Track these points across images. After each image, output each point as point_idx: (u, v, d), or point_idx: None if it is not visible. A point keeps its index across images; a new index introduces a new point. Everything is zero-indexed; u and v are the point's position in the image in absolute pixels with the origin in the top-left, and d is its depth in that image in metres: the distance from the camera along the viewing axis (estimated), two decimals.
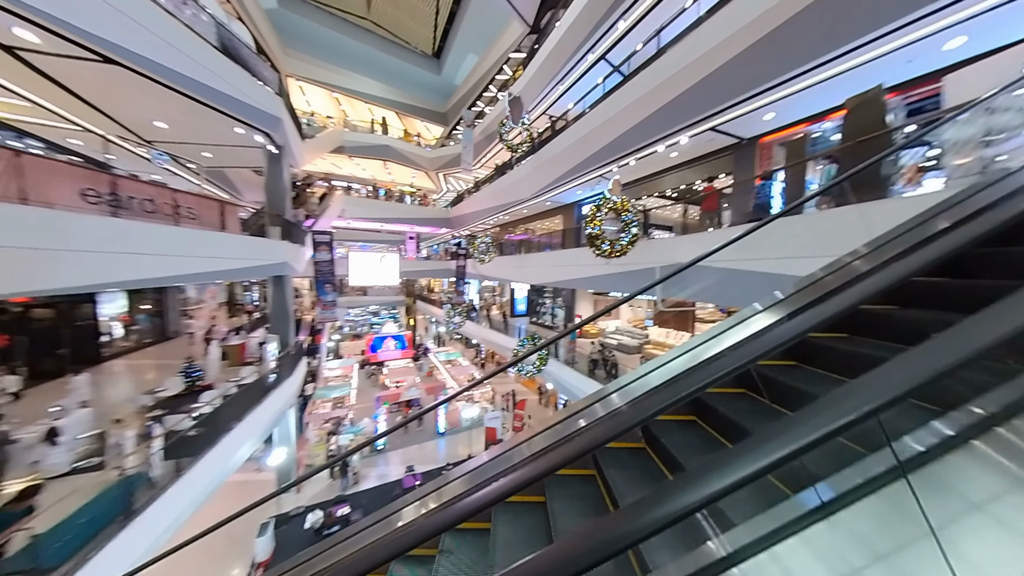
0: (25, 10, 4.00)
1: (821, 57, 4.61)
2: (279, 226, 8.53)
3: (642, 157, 8.33)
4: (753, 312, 1.85)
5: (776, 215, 2.03)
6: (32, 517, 2.99)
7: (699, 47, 5.58)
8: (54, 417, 4.92)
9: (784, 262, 4.31)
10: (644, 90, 6.74)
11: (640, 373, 1.94)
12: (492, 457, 1.91)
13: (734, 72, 5.34)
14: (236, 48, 7.01)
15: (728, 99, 5.84)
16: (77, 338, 9.29)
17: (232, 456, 6.20)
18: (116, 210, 4.93)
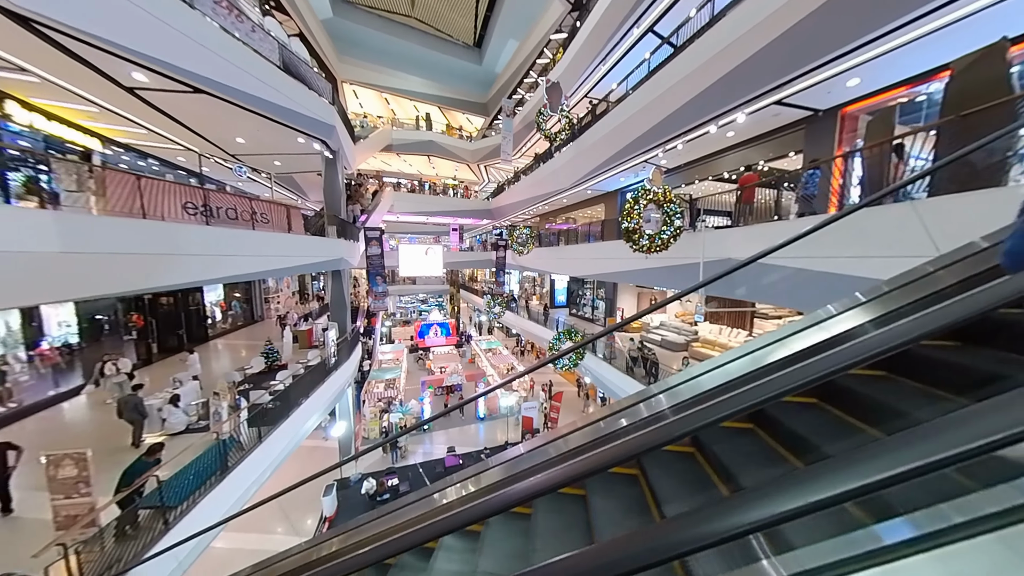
0: (141, 58, 4.88)
1: (922, 6, 3.76)
2: (335, 225, 9.45)
3: (691, 140, 7.60)
4: (840, 311, 1.58)
5: (860, 204, 1.70)
6: (158, 467, 3.87)
7: (763, 8, 4.86)
8: (175, 387, 6.17)
9: (864, 262, 3.69)
10: (696, 63, 6.08)
11: (702, 370, 1.83)
12: (531, 449, 1.99)
13: (808, 33, 4.58)
14: (295, 65, 7.75)
15: (800, 66, 5.05)
16: (190, 321, 11.39)
17: (302, 426, 7.22)
18: (208, 219, 5.89)
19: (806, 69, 5.07)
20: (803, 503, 0.66)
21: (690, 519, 0.74)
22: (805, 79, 5.28)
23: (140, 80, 5.65)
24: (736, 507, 0.72)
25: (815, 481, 0.68)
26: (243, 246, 6.28)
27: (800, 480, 0.71)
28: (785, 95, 5.77)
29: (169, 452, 4.33)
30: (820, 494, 0.66)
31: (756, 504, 0.70)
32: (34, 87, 5.87)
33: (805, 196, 4.42)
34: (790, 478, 0.72)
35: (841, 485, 0.65)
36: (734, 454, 1.77)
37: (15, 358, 6.60)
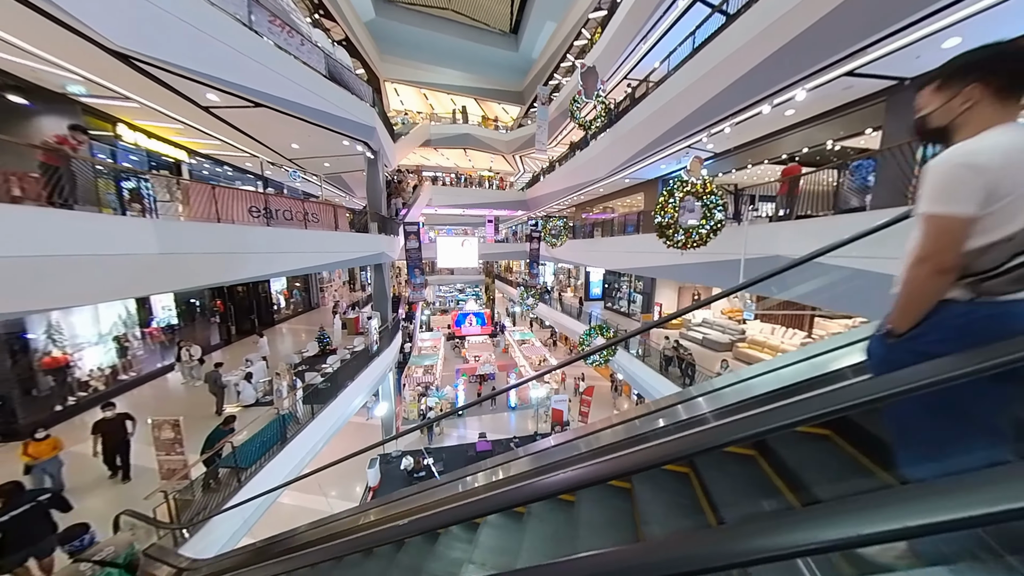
0: (213, 81, 5.59)
1: None
2: (376, 222, 10.11)
3: (741, 122, 6.89)
4: None
5: None
6: (232, 435, 4.62)
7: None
8: (247, 366, 7.18)
9: None
10: (751, 33, 5.44)
11: (774, 366, 1.76)
12: (580, 436, 2.11)
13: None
14: (339, 72, 8.28)
15: (881, 28, 4.31)
16: (260, 307, 13.02)
17: (348, 405, 8.04)
18: (268, 220, 6.65)
19: (889, 31, 4.31)
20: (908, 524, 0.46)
21: (758, 526, 0.57)
22: (886, 43, 4.50)
23: (213, 100, 6.45)
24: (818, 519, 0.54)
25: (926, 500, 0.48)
26: (297, 243, 7.02)
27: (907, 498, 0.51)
28: (860, 64, 4.98)
29: (242, 422, 5.14)
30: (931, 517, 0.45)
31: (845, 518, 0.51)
32: (135, 111, 6.98)
33: (858, 187, 3.85)
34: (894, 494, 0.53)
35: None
36: (807, 463, 1.52)
37: (132, 336, 8.12)
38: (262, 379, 7.25)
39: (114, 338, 7.72)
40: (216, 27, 5.37)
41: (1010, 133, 0.84)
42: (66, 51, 4.70)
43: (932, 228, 0.85)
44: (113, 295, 4.75)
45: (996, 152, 0.81)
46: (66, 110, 6.35)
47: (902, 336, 0.93)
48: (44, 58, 4.84)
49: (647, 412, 2.14)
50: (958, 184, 0.81)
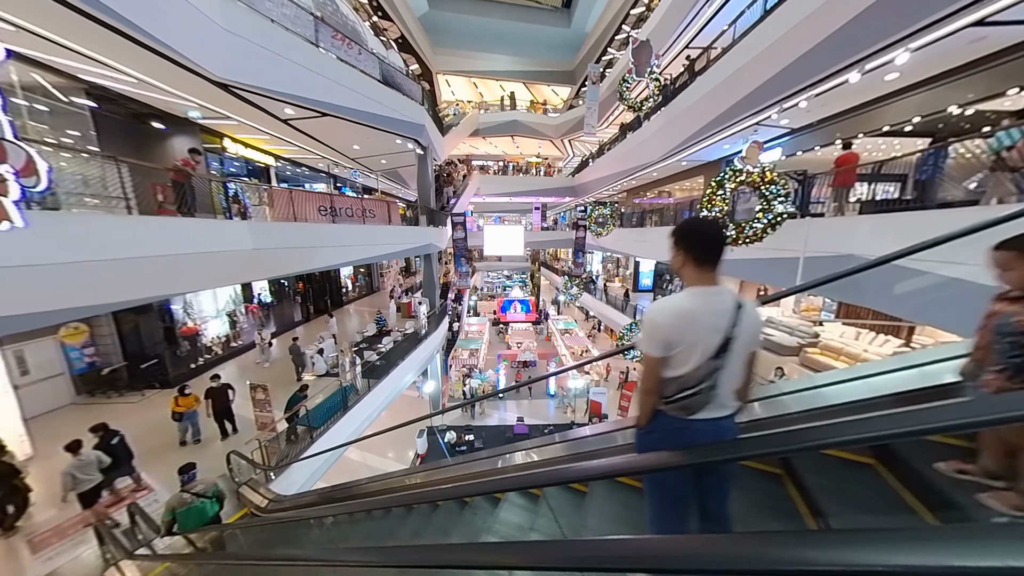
0: (288, 97, 6.49)
1: None
2: (426, 214, 10.82)
3: (822, 93, 5.86)
4: None
5: None
6: (306, 400, 5.64)
7: None
8: (319, 343, 8.48)
9: None
10: (806, 9, 4.60)
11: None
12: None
13: None
14: (391, 76, 8.86)
15: None
16: (332, 289, 14.95)
17: (400, 381, 9.03)
18: (334, 218, 7.61)
19: None
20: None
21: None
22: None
23: (289, 113, 7.46)
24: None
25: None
26: (356, 237, 7.93)
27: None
28: (994, 9, 3.91)
29: (315, 388, 6.22)
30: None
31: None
32: (234, 127, 8.37)
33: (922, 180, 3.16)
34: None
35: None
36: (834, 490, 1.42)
37: (240, 312, 10.04)
38: (331, 354, 8.51)
39: (227, 313, 9.65)
40: (289, 49, 6.17)
41: (688, 298, 1.15)
42: (184, 85, 5.84)
43: (643, 360, 1.18)
44: (220, 283, 5.99)
45: (668, 313, 1.14)
46: (189, 130, 7.89)
47: (642, 429, 1.24)
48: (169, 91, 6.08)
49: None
50: (648, 333, 1.16)
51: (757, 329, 1.19)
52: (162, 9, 4.36)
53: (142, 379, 7.16)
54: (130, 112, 6.95)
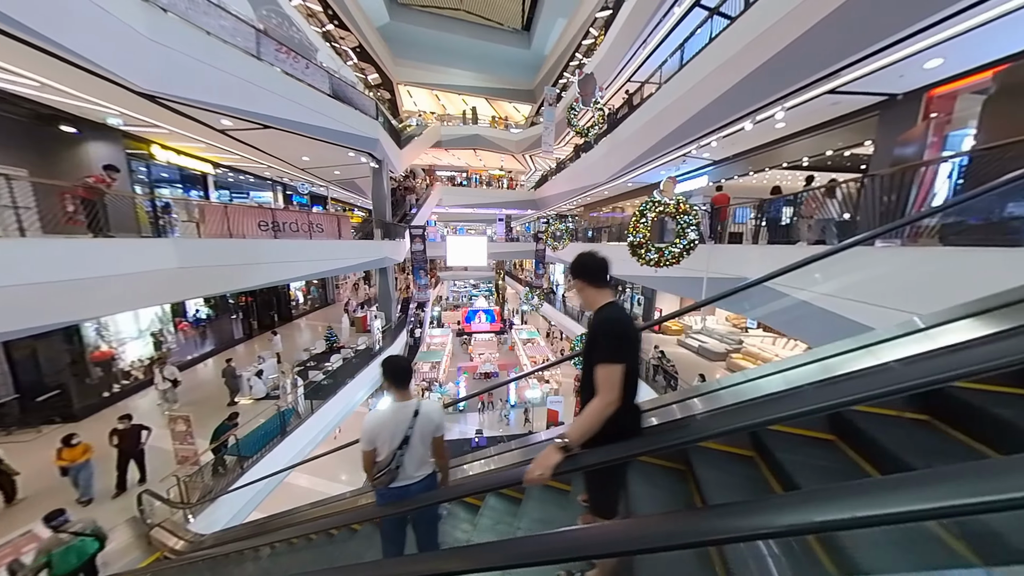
0: (225, 110, 6.25)
1: None
2: (381, 228, 10.71)
3: (728, 135, 6.80)
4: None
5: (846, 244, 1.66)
6: (236, 429, 5.34)
7: (769, 14, 4.18)
8: (259, 363, 8.02)
9: (866, 309, 3.20)
10: (727, 54, 5.45)
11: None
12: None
13: (867, 9, 3.84)
14: (343, 90, 8.81)
15: (854, 52, 4.24)
16: (280, 302, 14.11)
17: (350, 400, 8.76)
18: (276, 233, 7.34)
19: (861, 55, 4.23)
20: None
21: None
22: (862, 66, 4.40)
23: (227, 124, 7.15)
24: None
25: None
26: (302, 253, 7.69)
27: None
28: (841, 83, 4.86)
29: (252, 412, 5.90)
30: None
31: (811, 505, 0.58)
32: (165, 135, 7.83)
33: (773, 220, 3.94)
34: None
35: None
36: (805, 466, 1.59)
37: (167, 331, 9.21)
38: (272, 375, 8.08)
39: (152, 333, 8.81)
40: (225, 61, 5.99)
41: (385, 411, 1.86)
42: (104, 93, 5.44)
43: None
44: (138, 305, 5.57)
45: (372, 422, 1.82)
46: (108, 135, 7.24)
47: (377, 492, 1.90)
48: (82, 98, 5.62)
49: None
50: (363, 434, 1.82)
51: (433, 424, 1.89)
52: (74, 18, 4.12)
53: (39, 413, 6.31)
54: (31, 113, 6.22)
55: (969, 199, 2.04)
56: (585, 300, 1.46)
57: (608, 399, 1.23)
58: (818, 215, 4.46)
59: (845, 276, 3.25)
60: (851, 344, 1.44)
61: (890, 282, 2.97)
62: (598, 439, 1.28)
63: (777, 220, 4.35)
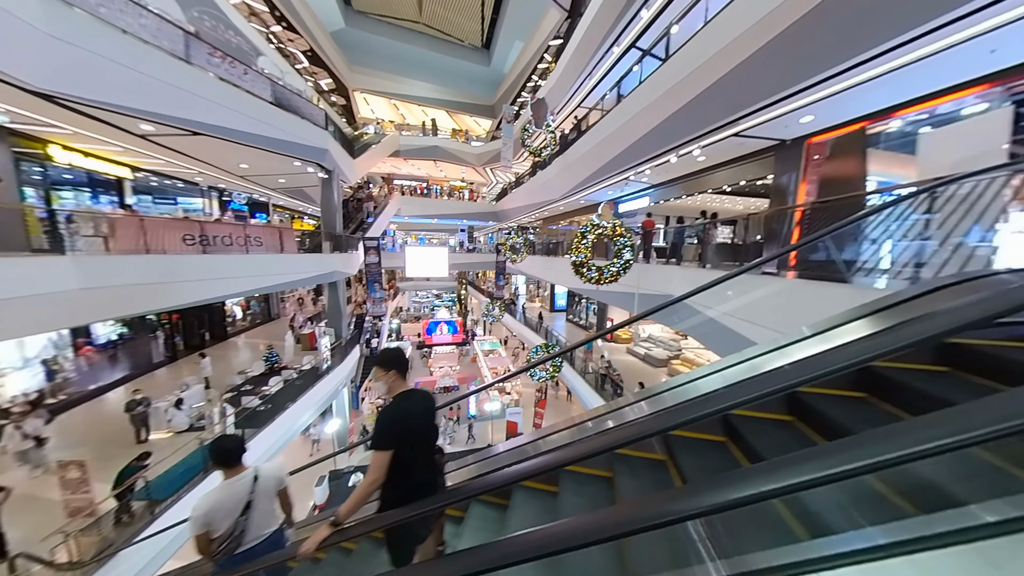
0: (143, 114, 5.70)
1: (853, 58, 3.68)
2: (330, 240, 10.25)
3: (658, 165, 7.57)
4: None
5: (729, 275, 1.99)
6: (146, 471, 4.76)
7: (705, 50, 4.86)
8: (182, 389, 7.22)
9: (750, 327, 3.78)
10: (652, 97, 6.12)
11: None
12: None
13: (746, 78, 4.56)
14: (287, 98, 8.43)
15: (744, 107, 5.02)
16: (213, 319, 12.79)
17: (291, 426, 8.15)
18: (205, 248, 6.75)
19: (752, 109, 5.01)
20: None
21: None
22: (755, 117, 5.20)
23: (147, 129, 6.52)
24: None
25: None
26: (236, 269, 7.13)
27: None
28: (741, 129, 5.69)
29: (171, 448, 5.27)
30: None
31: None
32: (68, 136, 6.93)
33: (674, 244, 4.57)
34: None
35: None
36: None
37: (64, 357, 7.95)
38: (197, 403, 7.29)
39: (43, 361, 7.56)
40: (145, 62, 5.51)
41: (219, 491, 1.91)
42: None
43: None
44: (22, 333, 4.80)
45: (205, 503, 1.85)
46: None
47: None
48: None
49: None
50: (198, 518, 1.82)
51: (275, 480, 2.05)
52: None
53: None
54: None
55: (800, 246, 2.56)
56: (388, 388, 1.66)
57: (371, 479, 1.46)
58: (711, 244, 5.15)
59: (735, 299, 3.80)
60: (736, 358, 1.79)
61: (765, 305, 3.54)
62: (383, 507, 1.55)
63: (680, 244, 4.91)
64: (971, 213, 2.18)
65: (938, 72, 3.58)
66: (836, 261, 2.90)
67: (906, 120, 4.91)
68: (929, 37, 3.14)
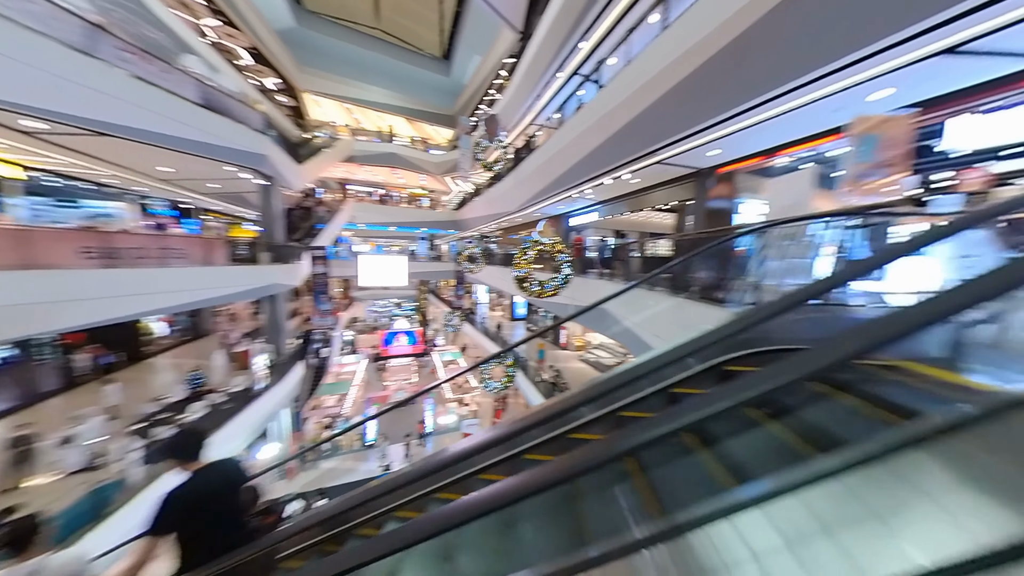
0: (24, 109, 5.01)
1: (739, 106, 4.27)
2: (270, 251, 9.59)
3: (596, 186, 8.11)
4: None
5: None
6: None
7: (623, 92, 5.36)
8: (79, 422, 6.29)
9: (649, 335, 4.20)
10: (584, 126, 6.61)
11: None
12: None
13: (659, 115, 5.09)
14: (218, 100, 7.86)
15: (663, 139, 5.57)
16: (126, 338, 11.28)
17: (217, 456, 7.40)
18: (109, 261, 6.02)
19: (668, 142, 5.58)
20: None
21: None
22: (671, 148, 5.80)
23: (35, 127, 5.74)
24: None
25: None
26: (150, 284, 6.43)
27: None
28: (663, 157, 6.30)
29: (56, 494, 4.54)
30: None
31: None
32: None
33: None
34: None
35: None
36: None
37: None
38: (100, 438, 6.36)
39: None
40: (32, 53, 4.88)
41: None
42: None
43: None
44: None
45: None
46: None
47: None
48: None
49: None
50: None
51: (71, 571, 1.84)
52: None
53: None
54: None
55: (659, 272, 2.95)
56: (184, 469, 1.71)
57: (133, 562, 1.54)
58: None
59: (642, 312, 4.23)
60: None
61: (663, 319, 3.97)
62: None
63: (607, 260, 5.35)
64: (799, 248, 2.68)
65: (802, 123, 4.29)
66: (711, 285, 3.34)
67: (795, 156, 5.77)
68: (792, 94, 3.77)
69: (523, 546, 1.96)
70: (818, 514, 0.97)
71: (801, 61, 3.12)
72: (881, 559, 0.84)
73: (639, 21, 5.45)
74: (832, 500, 0.97)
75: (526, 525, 2.07)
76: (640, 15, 5.58)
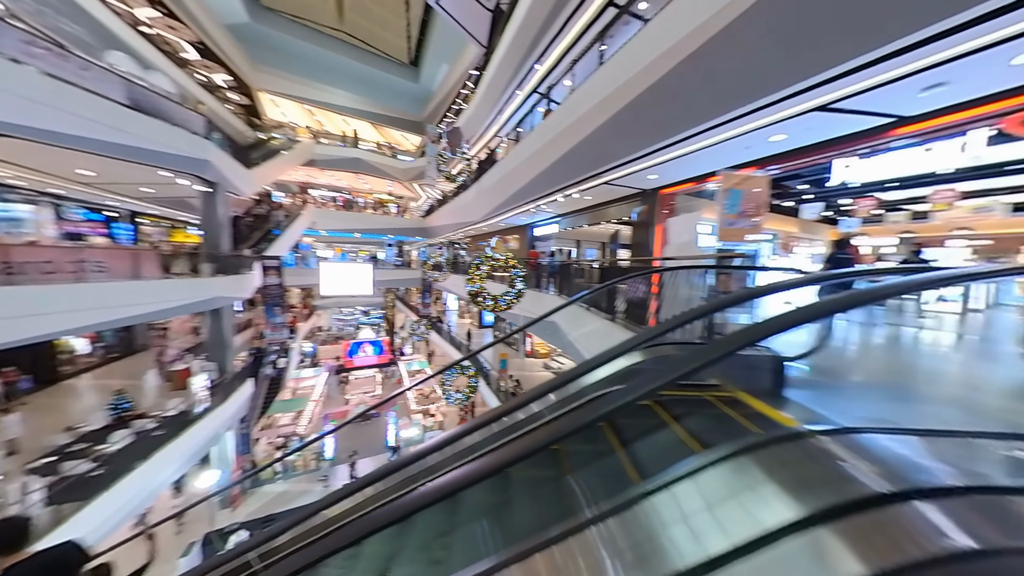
0: None
1: (663, 141, 4.64)
2: (212, 262, 8.95)
3: (551, 202, 8.41)
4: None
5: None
6: None
7: (569, 116, 5.60)
8: None
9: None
10: (537, 146, 6.80)
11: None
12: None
13: (600, 142, 5.36)
14: (151, 101, 7.30)
15: (607, 162, 5.89)
16: (37, 358, 9.97)
17: (146, 487, 6.72)
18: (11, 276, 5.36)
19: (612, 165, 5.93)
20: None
21: None
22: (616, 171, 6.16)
23: None
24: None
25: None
26: (65, 301, 5.79)
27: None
28: (610, 179, 6.67)
29: None
30: None
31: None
32: None
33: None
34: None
35: None
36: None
37: None
38: None
39: None
40: None
41: None
42: None
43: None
44: None
45: None
46: None
47: None
48: None
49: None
50: None
51: None
52: None
53: None
54: None
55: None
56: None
57: None
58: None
59: (580, 328, 4.49)
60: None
61: (595, 336, 4.24)
62: None
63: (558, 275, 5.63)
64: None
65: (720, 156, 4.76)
66: (632, 310, 3.63)
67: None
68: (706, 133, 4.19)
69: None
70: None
71: (708, 107, 3.52)
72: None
73: (585, 51, 5.76)
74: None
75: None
76: (585, 46, 5.91)
